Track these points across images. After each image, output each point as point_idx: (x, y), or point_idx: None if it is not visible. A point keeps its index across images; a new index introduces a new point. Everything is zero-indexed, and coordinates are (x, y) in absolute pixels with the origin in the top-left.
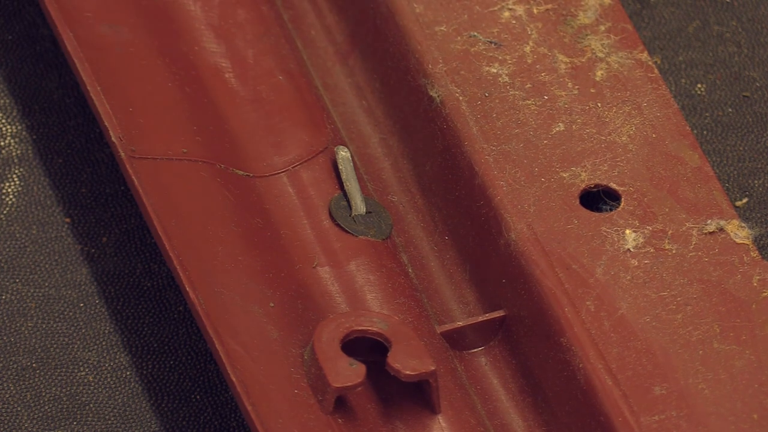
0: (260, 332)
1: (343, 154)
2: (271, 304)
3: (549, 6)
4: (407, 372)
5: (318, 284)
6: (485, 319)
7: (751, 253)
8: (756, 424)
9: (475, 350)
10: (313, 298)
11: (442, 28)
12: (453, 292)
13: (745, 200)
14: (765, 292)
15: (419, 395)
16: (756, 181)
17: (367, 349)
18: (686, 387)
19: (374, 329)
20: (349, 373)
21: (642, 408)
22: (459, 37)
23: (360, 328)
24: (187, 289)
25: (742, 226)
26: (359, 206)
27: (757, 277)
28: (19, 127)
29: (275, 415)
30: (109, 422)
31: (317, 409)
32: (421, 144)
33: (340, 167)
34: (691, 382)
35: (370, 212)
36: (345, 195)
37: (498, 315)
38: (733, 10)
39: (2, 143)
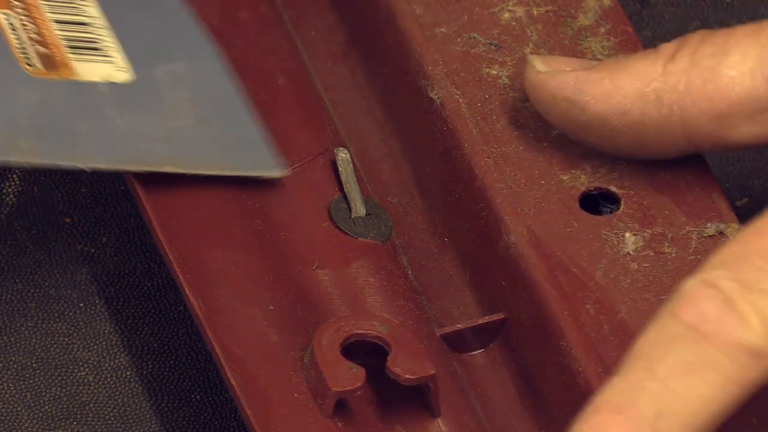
0: (260, 335)
1: (342, 155)
2: (271, 307)
3: (549, 7)
4: (407, 376)
5: (318, 287)
6: (485, 321)
7: None
8: (755, 428)
9: (475, 353)
10: (312, 301)
11: (442, 30)
12: (452, 294)
13: (745, 200)
14: None
15: (419, 398)
16: (756, 181)
17: (367, 351)
18: None
19: (374, 333)
20: (348, 377)
21: None
22: (459, 39)
23: (360, 331)
24: (187, 292)
25: (741, 230)
26: (359, 208)
27: None
28: None
29: (275, 419)
30: (109, 422)
31: (317, 412)
32: (421, 145)
33: (340, 169)
34: None
35: (369, 214)
36: (345, 197)
37: (498, 317)
38: (733, 10)
39: None
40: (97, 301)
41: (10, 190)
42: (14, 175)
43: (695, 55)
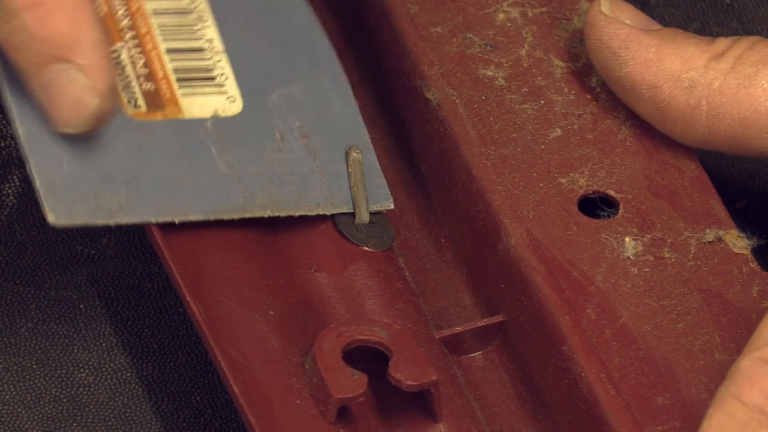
0: (261, 341)
1: (354, 155)
2: (271, 312)
3: (543, 9)
4: (409, 382)
5: (317, 290)
6: (484, 324)
7: (750, 264)
8: None
9: (473, 354)
10: (312, 305)
11: (437, 30)
12: (450, 296)
13: (745, 201)
14: (765, 303)
15: (420, 403)
16: (756, 183)
17: (368, 356)
18: (689, 397)
19: (375, 338)
20: (350, 383)
21: (645, 418)
22: (454, 39)
23: (361, 337)
24: (188, 298)
25: (740, 236)
26: (363, 214)
27: (757, 288)
28: None
29: (278, 427)
30: (110, 423)
31: (319, 419)
32: (416, 145)
33: (350, 170)
34: (694, 392)
35: (373, 222)
36: (351, 200)
37: (497, 320)
38: (733, 11)
39: (3, 144)
40: (97, 303)
41: (10, 191)
42: (15, 176)
43: (740, 59)
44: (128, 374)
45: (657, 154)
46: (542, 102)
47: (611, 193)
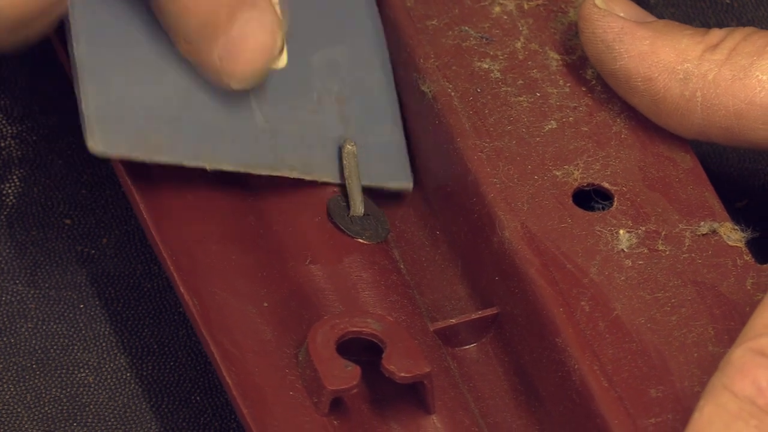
0: (255, 333)
1: (349, 148)
2: (265, 304)
3: (539, 1)
4: (402, 374)
5: (311, 282)
6: (478, 316)
7: (744, 257)
8: None
9: (467, 347)
10: (306, 297)
11: (433, 22)
12: (445, 288)
13: (745, 201)
14: (758, 296)
15: (414, 395)
16: (756, 182)
17: (362, 348)
18: (682, 390)
19: (369, 330)
20: (344, 375)
21: (638, 410)
22: (450, 32)
23: (354, 329)
24: (181, 290)
25: (735, 229)
26: (358, 206)
27: (751, 281)
28: (20, 128)
29: (271, 418)
30: (109, 423)
31: (312, 410)
32: (412, 138)
33: (344, 162)
34: (687, 384)
35: (368, 214)
36: (344, 193)
37: (491, 312)
38: (732, 11)
39: (2, 144)
40: (97, 303)
41: (10, 191)
42: (14, 177)
43: (734, 50)
44: (128, 374)
45: (652, 146)
46: (537, 94)
47: (606, 185)
